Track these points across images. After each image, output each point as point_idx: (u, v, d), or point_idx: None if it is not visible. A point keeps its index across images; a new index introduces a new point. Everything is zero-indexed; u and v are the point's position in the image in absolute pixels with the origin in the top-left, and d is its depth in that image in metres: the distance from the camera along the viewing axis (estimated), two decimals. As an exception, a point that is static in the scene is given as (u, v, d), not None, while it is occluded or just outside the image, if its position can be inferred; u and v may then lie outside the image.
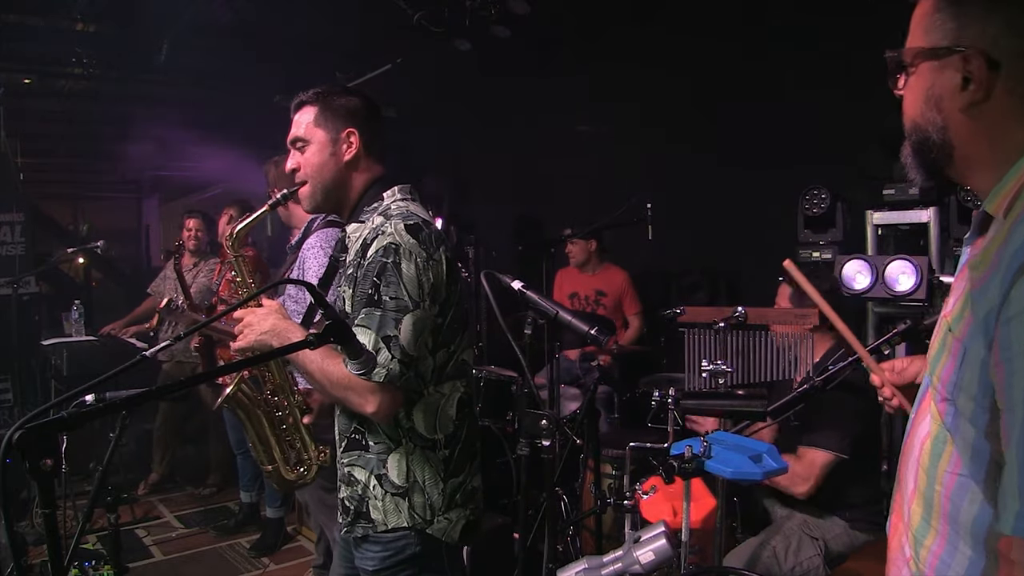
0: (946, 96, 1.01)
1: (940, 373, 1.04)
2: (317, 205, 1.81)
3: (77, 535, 1.19)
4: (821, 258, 3.64)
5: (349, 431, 1.73)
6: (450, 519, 1.71)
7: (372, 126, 1.80)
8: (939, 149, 1.04)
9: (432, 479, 1.68)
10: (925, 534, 1.08)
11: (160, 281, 5.12)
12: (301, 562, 3.86)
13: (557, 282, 4.86)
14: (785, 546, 2.49)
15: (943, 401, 1.03)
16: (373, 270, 1.61)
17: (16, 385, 4.93)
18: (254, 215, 1.97)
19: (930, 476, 1.07)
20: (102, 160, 9.59)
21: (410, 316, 1.59)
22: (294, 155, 1.79)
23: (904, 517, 1.14)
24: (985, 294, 0.96)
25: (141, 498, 4.85)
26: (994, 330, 0.93)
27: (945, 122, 1.02)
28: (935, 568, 1.06)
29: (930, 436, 1.07)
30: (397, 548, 1.67)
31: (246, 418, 2.06)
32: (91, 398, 1.13)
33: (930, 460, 1.07)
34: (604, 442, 2.90)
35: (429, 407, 1.69)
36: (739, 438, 2.08)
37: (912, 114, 1.07)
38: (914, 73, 1.05)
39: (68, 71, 5.71)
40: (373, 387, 1.58)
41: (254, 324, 1.69)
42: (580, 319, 1.94)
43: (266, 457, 2.10)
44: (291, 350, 1.48)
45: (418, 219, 1.68)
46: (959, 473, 1.02)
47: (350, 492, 1.73)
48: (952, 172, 1.07)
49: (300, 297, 2.75)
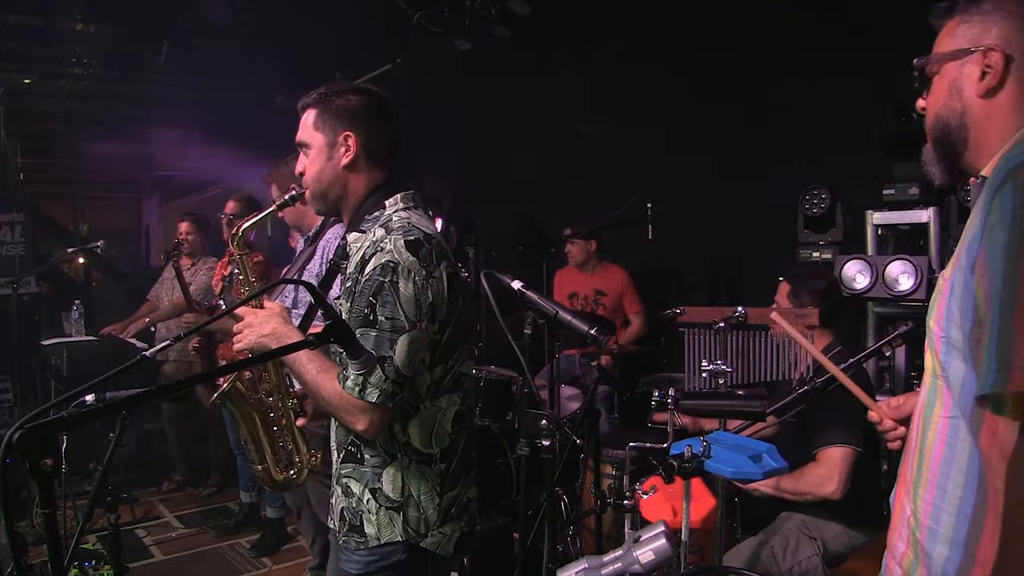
0: (966, 85, 1.18)
1: (934, 315, 1.14)
2: (320, 209, 1.80)
3: (77, 535, 1.19)
4: (821, 258, 3.64)
5: (347, 443, 1.71)
6: (444, 533, 1.69)
7: (373, 127, 1.74)
8: (957, 133, 1.20)
9: (428, 494, 1.66)
10: (919, 483, 1.17)
11: (159, 285, 5.11)
12: (301, 562, 3.86)
13: (557, 282, 4.86)
14: (783, 546, 2.49)
15: (938, 340, 1.13)
16: (370, 289, 1.58)
17: (16, 385, 4.94)
18: (260, 215, 1.97)
19: (924, 425, 1.17)
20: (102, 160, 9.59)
21: (405, 337, 1.56)
22: (301, 158, 1.77)
23: (907, 475, 1.22)
24: (970, 229, 1.08)
25: (141, 498, 4.85)
26: (978, 249, 1.03)
27: (964, 107, 1.19)
28: (929, 514, 1.14)
29: (926, 388, 1.19)
30: (383, 554, 1.66)
31: (240, 416, 2.07)
32: (91, 398, 1.13)
33: (925, 410, 1.18)
34: (604, 442, 2.90)
35: (425, 421, 1.66)
36: (739, 438, 2.08)
37: (936, 108, 1.23)
38: (938, 75, 1.22)
39: (68, 71, 5.72)
40: (365, 407, 1.56)
41: (255, 326, 1.68)
42: (580, 319, 1.93)
43: (257, 457, 2.10)
44: (291, 350, 1.48)
45: (419, 234, 1.63)
46: (949, 416, 1.12)
47: (347, 503, 1.71)
48: (967, 158, 1.21)
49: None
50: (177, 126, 7.15)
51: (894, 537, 1.25)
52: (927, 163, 1.26)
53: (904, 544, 1.21)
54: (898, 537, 1.23)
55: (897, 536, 1.24)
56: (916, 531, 1.16)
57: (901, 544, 1.22)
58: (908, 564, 1.19)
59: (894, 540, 1.25)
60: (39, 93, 6.37)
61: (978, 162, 1.19)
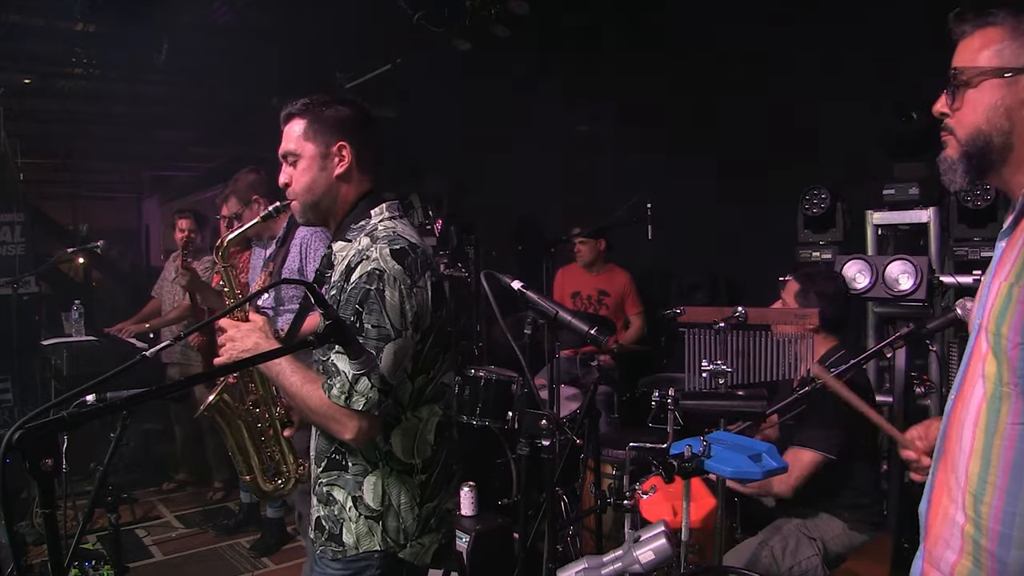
0: (1015, 107, 1.21)
1: (1011, 322, 1.14)
2: (308, 220, 1.78)
3: (77, 535, 1.20)
4: (821, 258, 3.63)
5: (329, 451, 1.71)
6: (423, 544, 1.69)
7: (363, 138, 1.75)
8: (1000, 152, 1.22)
9: (407, 504, 1.66)
10: (983, 491, 1.17)
11: (161, 283, 5.12)
12: (301, 562, 3.85)
13: (558, 281, 4.86)
14: (783, 546, 2.49)
15: (1015, 347, 1.14)
16: (356, 297, 1.58)
17: (16, 385, 4.94)
18: (244, 227, 2.04)
19: (988, 433, 1.17)
20: (102, 160, 9.60)
21: (391, 345, 1.56)
22: (286, 169, 1.75)
23: (959, 482, 1.21)
24: None
25: (141, 498, 4.85)
26: None
27: (1011, 127, 1.21)
28: (1000, 520, 1.15)
29: (986, 397, 1.18)
30: (356, 569, 1.66)
31: (226, 426, 2.09)
32: (91, 398, 1.13)
33: (988, 418, 1.18)
34: (604, 442, 2.90)
35: (407, 432, 1.67)
36: (739, 438, 2.08)
37: (975, 121, 1.23)
38: (974, 88, 1.23)
39: (68, 71, 5.72)
40: (351, 414, 1.56)
41: (236, 340, 1.68)
42: (580, 319, 1.93)
43: (244, 467, 2.12)
44: (292, 350, 1.48)
45: (405, 243, 1.63)
46: (1020, 423, 1.13)
47: (327, 512, 1.70)
48: (1004, 173, 1.25)
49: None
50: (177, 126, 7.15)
51: (938, 547, 1.24)
52: (947, 171, 1.27)
53: (955, 553, 1.20)
54: (943, 547, 1.23)
55: (943, 546, 1.23)
56: (980, 539, 1.17)
57: (951, 554, 1.21)
58: (965, 573, 1.19)
59: (938, 550, 1.24)
60: (39, 93, 6.36)
61: (1015, 177, 1.23)
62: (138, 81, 6.08)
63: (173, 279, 4.80)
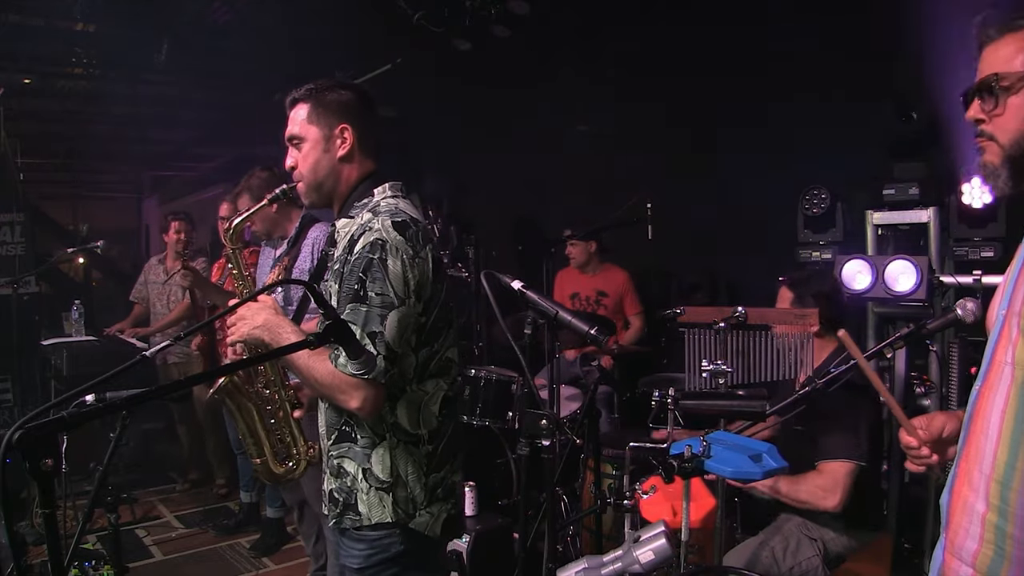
0: None
1: None
2: (313, 201, 1.84)
3: (77, 535, 1.20)
4: (821, 258, 3.63)
5: (339, 423, 1.75)
6: (432, 513, 1.73)
7: (365, 120, 1.81)
8: None
9: (415, 474, 1.71)
10: (1010, 478, 1.16)
11: (146, 287, 5.07)
12: (301, 562, 3.86)
13: (558, 282, 4.87)
14: (784, 547, 2.49)
15: None
16: (359, 266, 1.62)
17: (16, 385, 4.94)
18: (252, 209, 2.07)
19: (1019, 419, 1.17)
20: (102, 160, 9.60)
21: (395, 312, 1.61)
22: (292, 152, 1.82)
23: (983, 471, 1.21)
24: None
25: (141, 498, 4.85)
26: None
27: None
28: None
29: (1015, 383, 1.18)
30: (382, 547, 1.69)
31: (236, 409, 2.10)
32: (91, 398, 1.13)
33: (1019, 403, 1.17)
34: (604, 442, 2.90)
35: (412, 403, 1.71)
36: (739, 438, 2.08)
37: (1021, 127, 1.23)
38: (1015, 94, 1.22)
39: (68, 71, 5.72)
40: (358, 383, 1.59)
41: (247, 318, 1.71)
42: (580, 319, 1.93)
43: (255, 450, 2.14)
44: (291, 350, 1.48)
45: (406, 216, 1.70)
46: None
47: (339, 484, 1.74)
48: None
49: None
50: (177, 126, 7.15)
51: (959, 536, 1.24)
52: (991, 176, 1.27)
53: (976, 542, 1.21)
54: (965, 536, 1.23)
55: (964, 535, 1.23)
56: (1005, 526, 1.17)
57: (972, 543, 1.21)
58: (987, 562, 1.19)
59: (960, 540, 1.24)
60: (39, 93, 6.36)
61: None
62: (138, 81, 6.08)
63: (165, 281, 4.80)
